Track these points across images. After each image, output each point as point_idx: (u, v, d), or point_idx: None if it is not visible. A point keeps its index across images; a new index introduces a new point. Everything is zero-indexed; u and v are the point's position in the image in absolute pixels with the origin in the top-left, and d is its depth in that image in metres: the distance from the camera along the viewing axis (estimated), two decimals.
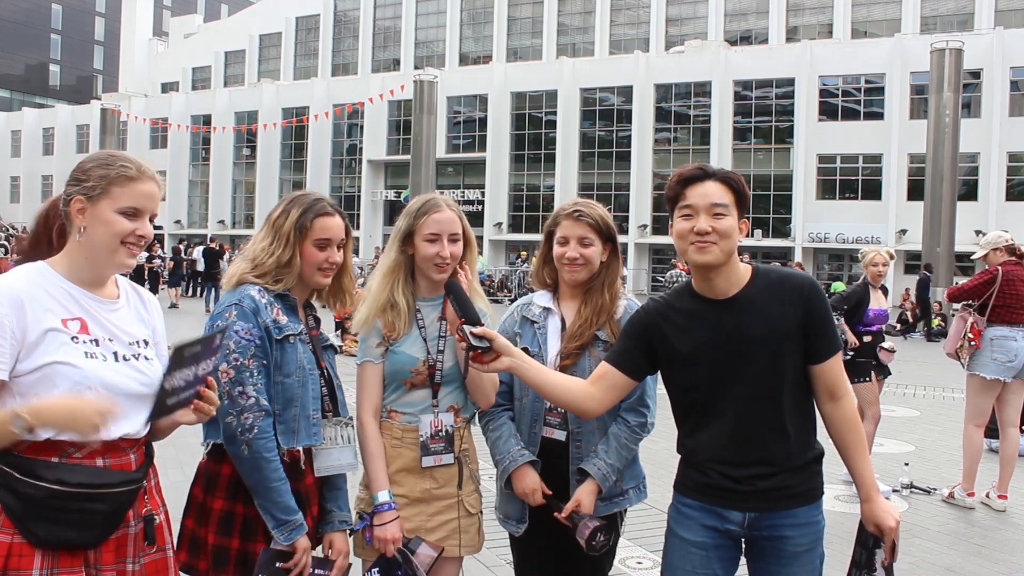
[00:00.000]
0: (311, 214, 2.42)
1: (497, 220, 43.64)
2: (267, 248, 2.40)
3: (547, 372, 2.41)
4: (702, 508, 2.29)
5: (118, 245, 1.93)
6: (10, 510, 1.81)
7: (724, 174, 2.26)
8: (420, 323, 2.62)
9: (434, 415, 2.59)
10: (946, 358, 6.71)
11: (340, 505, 2.49)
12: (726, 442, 2.25)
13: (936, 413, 9.36)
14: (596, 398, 2.36)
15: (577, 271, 2.67)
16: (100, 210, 1.92)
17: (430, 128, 31.25)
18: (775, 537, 2.27)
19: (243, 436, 2.25)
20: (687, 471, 2.36)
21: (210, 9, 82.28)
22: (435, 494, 2.59)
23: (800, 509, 2.27)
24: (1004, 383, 5.99)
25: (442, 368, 2.60)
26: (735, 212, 2.24)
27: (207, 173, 52.05)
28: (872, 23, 42.14)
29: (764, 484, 2.24)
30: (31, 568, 1.80)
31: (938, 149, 22.26)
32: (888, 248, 6.76)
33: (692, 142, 41.04)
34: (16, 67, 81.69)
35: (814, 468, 2.31)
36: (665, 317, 2.33)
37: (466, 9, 51.25)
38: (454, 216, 2.61)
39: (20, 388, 1.83)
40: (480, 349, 2.26)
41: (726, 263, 2.24)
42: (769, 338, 2.21)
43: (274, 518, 2.28)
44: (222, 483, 2.33)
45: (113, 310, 1.98)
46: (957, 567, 4.83)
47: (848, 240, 35.95)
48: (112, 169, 1.94)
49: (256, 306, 2.33)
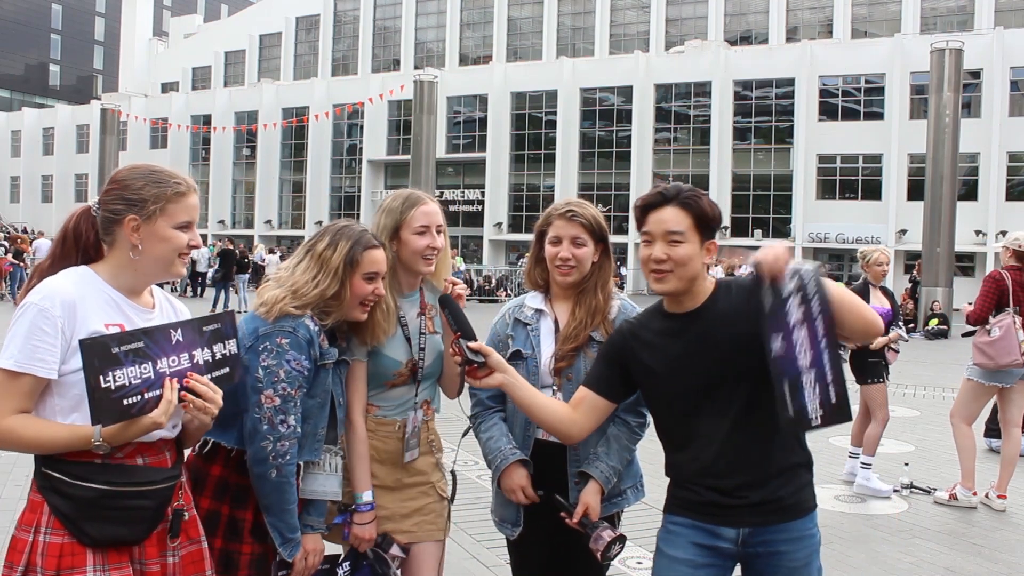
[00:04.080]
0: (360, 247, 2.42)
1: (497, 220, 43.65)
2: (311, 281, 2.39)
3: (536, 394, 2.40)
4: (692, 526, 2.26)
5: (176, 258, 2.05)
6: (60, 512, 1.88)
7: (683, 198, 2.21)
8: (402, 322, 2.63)
9: (414, 411, 2.66)
10: (946, 358, 6.69)
11: (309, 510, 2.47)
12: (711, 454, 2.22)
13: (936, 413, 9.36)
14: (578, 423, 2.36)
15: (569, 272, 2.65)
16: (158, 228, 2.00)
17: (430, 128, 31.22)
18: (771, 554, 2.23)
19: (275, 461, 2.29)
20: (676, 492, 2.33)
21: (210, 9, 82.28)
22: (406, 482, 2.66)
23: (794, 523, 2.23)
24: (1001, 388, 5.97)
25: (423, 367, 2.65)
26: (695, 237, 2.20)
27: (207, 173, 52.03)
28: (872, 23, 42.14)
29: (755, 496, 2.20)
30: (84, 566, 1.87)
31: (938, 149, 22.23)
32: (886, 248, 6.74)
33: (692, 142, 41.06)
34: (16, 67, 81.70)
35: (804, 477, 2.28)
36: (637, 337, 2.33)
37: (466, 9, 51.24)
38: (437, 208, 2.66)
39: (60, 388, 1.91)
40: (476, 364, 2.25)
41: (688, 290, 2.23)
42: (736, 339, 2.17)
43: (282, 536, 2.34)
44: (210, 483, 2.35)
45: (149, 319, 2.04)
46: (957, 567, 4.82)
47: (848, 240, 35.96)
48: (166, 188, 2.02)
49: (311, 337, 2.35)
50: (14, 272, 21.83)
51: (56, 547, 1.87)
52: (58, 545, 1.87)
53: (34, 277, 2.03)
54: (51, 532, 1.88)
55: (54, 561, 1.85)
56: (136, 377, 1.85)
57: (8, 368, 1.86)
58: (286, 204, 51.28)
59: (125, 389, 1.83)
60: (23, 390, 1.87)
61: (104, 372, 1.80)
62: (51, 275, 1.99)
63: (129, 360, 1.84)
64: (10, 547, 1.91)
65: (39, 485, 1.92)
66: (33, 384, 1.88)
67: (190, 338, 1.97)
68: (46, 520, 1.89)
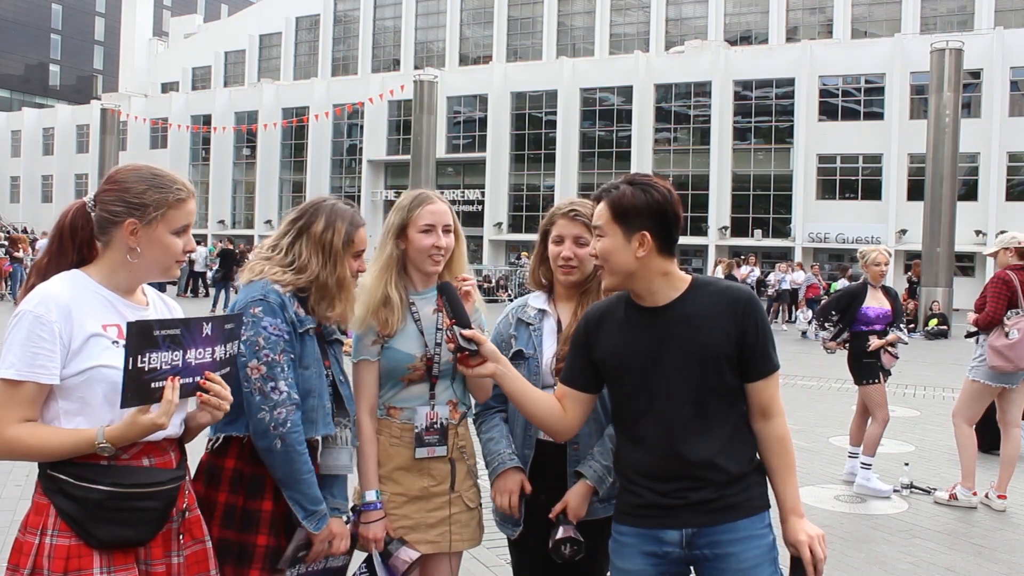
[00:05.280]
0: (354, 227, 2.46)
1: (497, 220, 43.65)
2: (317, 265, 2.40)
3: (528, 387, 2.35)
4: (638, 534, 2.19)
5: (173, 264, 2.06)
6: (67, 514, 1.88)
7: (604, 190, 2.20)
8: (415, 317, 2.63)
9: (430, 407, 2.62)
10: (946, 358, 6.69)
11: (334, 492, 2.50)
12: (655, 455, 2.17)
13: (936, 413, 9.37)
14: (566, 419, 2.32)
15: (571, 272, 2.66)
16: (157, 234, 2.00)
17: (430, 128, 31.21)
18: (718, 555, 2.14)
19: (277, 431, 2.27)
20: (621, 495, 2.29)
21: (210, 9, 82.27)
22: (433, 491, 2.62)
23: (741, 522, 2.14)
24: (1003, 388, 5.96)
25: (439, 361, 2.62)
26: (615, 230, 2.15)
27: (207, 173, 52.04)
28: (872, 23, 42.13)
29: (695, 495, 2.13)
30: (91, 567, 1.87)
31: (938, 149, 22.22)
32: (886, 247, 6.72)
33: (692, 142, 41.06)
34: (16, 67, 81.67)
35: (752, 479, 2.19)
36: (600, 325, 2.28)
37: (466, 9, 51.23)
38: (446, 208, 2.66)
39: (64, 392, 1.91)
40: (467, 351, 2.25)
41: (626, 286, 2.20)
42: (700, 349, 2.13)
43: (304, 508, 2.32)
44: (225, 477, 2.35)
45: (144, 315, 2.03)
46: (957, 567, 4.82)
47: (848, 240, 35.95)
48: (168, 193, 2.01)
49: (282, 300, 2.35)
50: (14, 272, 21.85)
51: (63, 549, 1.87)
52: (65, 547, 1.87)
53: (32, 275, 2.03)
54: (58, 534, 1.88)
55: (61, 563, 1.85)
56: (167, 363, 1.86)
57: (9, 377, 1.85)
58: (286, 204, 51.21)
59: (155, 372, 1.84)
60: (26, 398, 1.86)
61: (143, 353, 1.81)
62: (48, 273, 1.99)
63: (165, 345, 1.85)
64: (14, 550, 1.90)
65: (44, 487, 1.92)
66: (36, 392, 1.87)
67: (216, 334, 1.98)
68: (52, 522, 1.88)
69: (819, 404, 10.08)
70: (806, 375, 12.38)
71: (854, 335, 6.49)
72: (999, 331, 5.80)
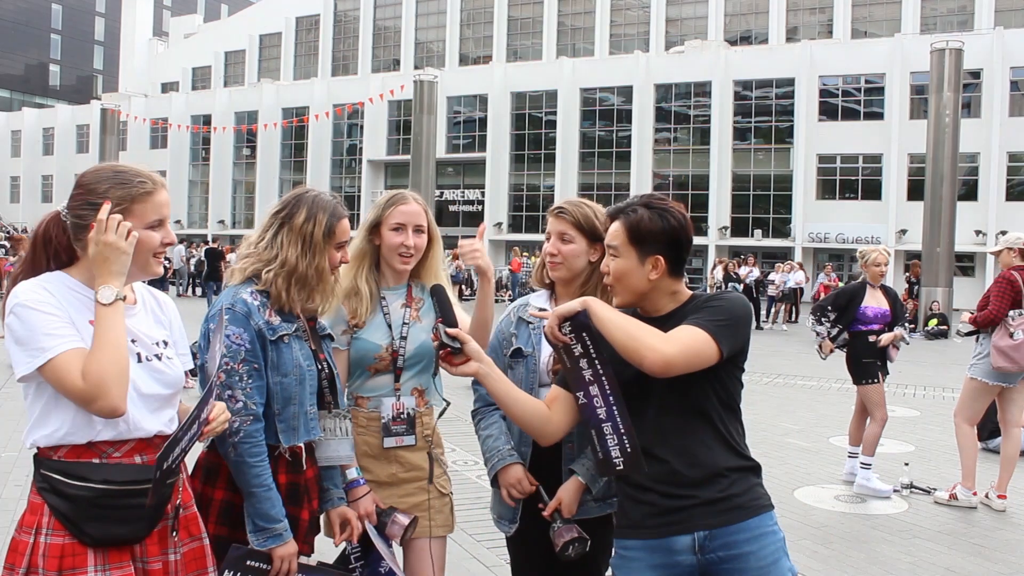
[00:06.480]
0: (335, 218, 2.45)
1: (497, 220, 43.63)
2: (299, 256, 2.39)
3: (511, 388, 2.29)
4: (645, 547, 2.15)
5: (150, 258, 2.01)
6: (60, 513, 1.88)
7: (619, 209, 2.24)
8: (384, 310, 2.73)
9: (396, 398, 2.71)
10: (946, 358, 6.69)
11: (336, 483, 2.56)
12: (656, 460, 2.15)
13: (936, 413, 9.37)
14: (553, 422, 2.25)
15: (556, 267, 2.71)
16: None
17: (430, 128, 31.20)
18: (734, 556, 2.11)
19: (230, 439, 2.27)
20: (624, 505, 2.25)
21: (210, 9, 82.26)
22: (402, 477, 2.71)
23: (752, 520, 2.13)
24: (1003, 387, 5.96)
25: (404, 353, 2.71)
26: (629, 251, 2.19)
27: (207, 173, 52.04)
28: (872, 23, 42.14)
29: (705, 493, 2.12)
30: (85, 566, 1.88)
31: (938, 149, 22.21)
32: (886, 247, 6.72)
33: (692, 142, 41.07)
34: (16, 67, 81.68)
35: (752, 479, 2.20)
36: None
37: (466, 9, 51.24)
38: (420, 209, 2.75)
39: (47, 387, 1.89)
40: (451, 349, 2.26)
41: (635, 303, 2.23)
42: None
43: (252, 522, 2.29)
44: (223, 473, 2.35)
45: (132, 315, 2.01)
46: (957, 567, 4.82)
47: (848, 240, 35.94)
48: (131, 188, 1.97)
49: (248, 310, 2.34)
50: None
51: (57, 548, 1.87)
52: (59, 546, 1.87)
53: (10, 287, 1.99)
54: (52, 533, 1.88)
55: (55, 562, 1.86)
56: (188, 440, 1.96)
57: (48, 360, 1.82)
58: None
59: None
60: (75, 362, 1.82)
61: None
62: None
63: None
64: (10, 549, 1.91)
65: (38, 487, 1.92)
66: (78, 353, 1.83)
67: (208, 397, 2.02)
68: (46, 521, 1.89)
69: (819, 404, 10.07)
70: (806, 375, 12.38)
71: (852, 335, 6.50)
72: (1003, 332, 5.80)
